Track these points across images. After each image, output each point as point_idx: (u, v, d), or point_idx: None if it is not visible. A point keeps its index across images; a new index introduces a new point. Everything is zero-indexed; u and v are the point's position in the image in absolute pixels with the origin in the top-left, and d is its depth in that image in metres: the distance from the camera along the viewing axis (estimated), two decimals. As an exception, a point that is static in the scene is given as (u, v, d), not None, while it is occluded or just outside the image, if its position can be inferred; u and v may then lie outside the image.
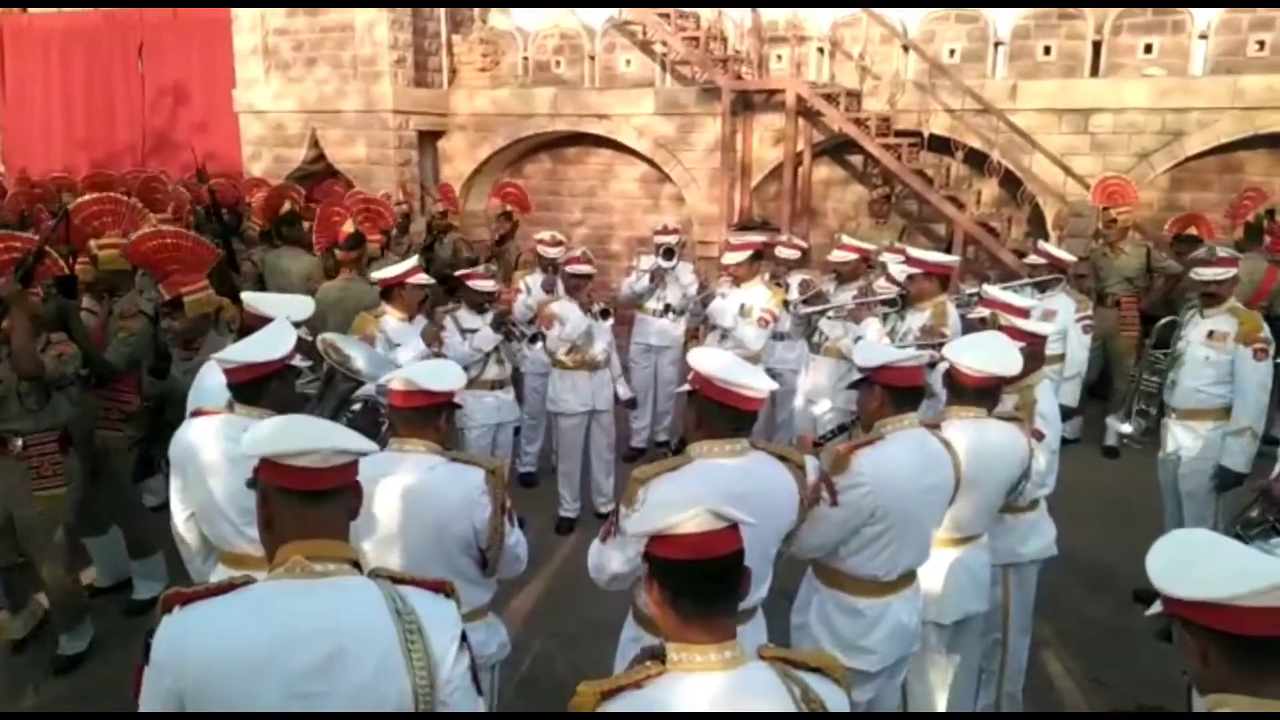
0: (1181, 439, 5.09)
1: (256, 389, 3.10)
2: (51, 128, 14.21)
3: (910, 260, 5.36)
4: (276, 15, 11.96)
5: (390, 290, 5.39)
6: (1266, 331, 4.88)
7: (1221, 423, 4.91)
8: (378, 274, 5.60)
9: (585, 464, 6.34)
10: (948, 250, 8.89)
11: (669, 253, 6.99)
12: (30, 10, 14.84)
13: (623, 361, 6.76)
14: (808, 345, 6.29)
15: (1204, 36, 9.41)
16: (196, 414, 3.38)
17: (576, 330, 5.98)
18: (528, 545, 3.03)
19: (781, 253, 6.96)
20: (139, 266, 5.31)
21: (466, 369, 3.94)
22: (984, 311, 4.41)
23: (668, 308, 7.18)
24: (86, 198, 6.91)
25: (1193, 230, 7.94)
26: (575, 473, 6.30)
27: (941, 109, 10.06)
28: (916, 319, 5.23)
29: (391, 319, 5.33)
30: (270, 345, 3.13)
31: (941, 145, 10.14)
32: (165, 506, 3.94)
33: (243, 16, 12.15)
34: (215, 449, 3.12)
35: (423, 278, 5.52)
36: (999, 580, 3.77)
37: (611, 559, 2.70)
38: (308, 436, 1.93)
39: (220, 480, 3.12)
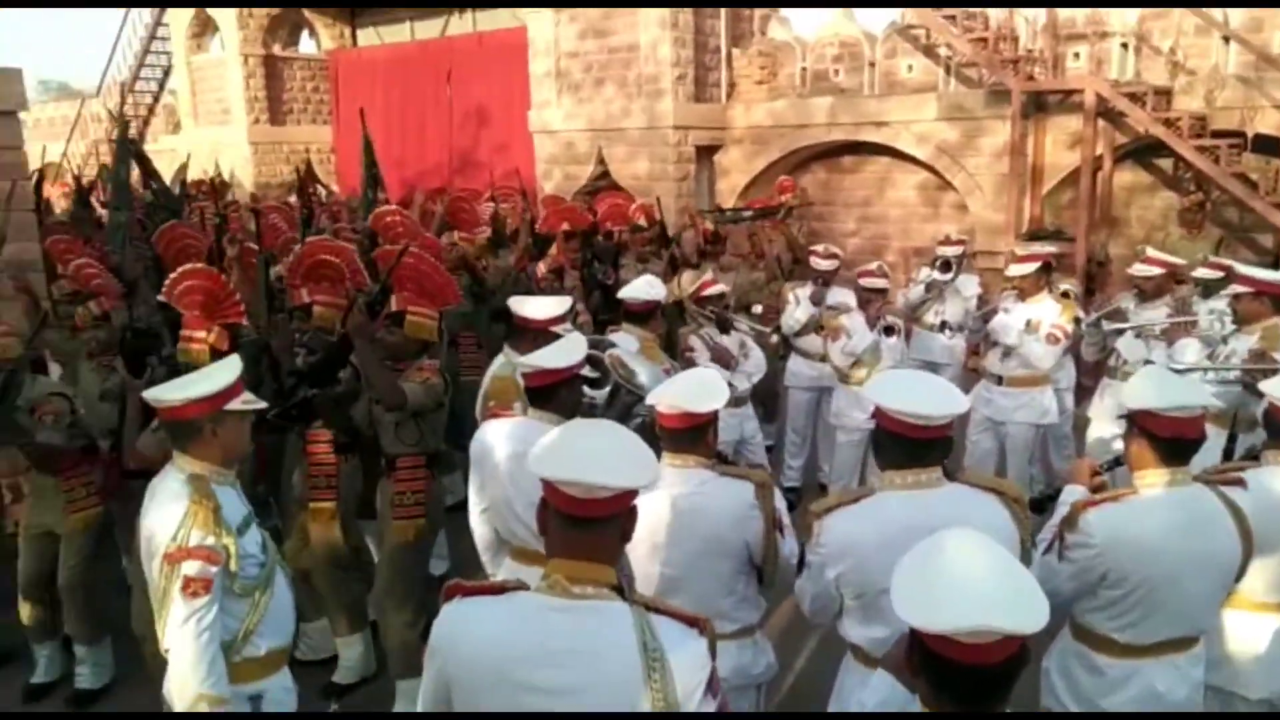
0: None
1: (548, 394, 3.31)
2: (376, 149, 15.85)
3: (1239, 278, 4.82)
4: (568, 39, 12.68)
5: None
6: None
7: None
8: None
9: (861, 481, 6.16)
10: (1275, 264, 7.92)
11: (946, 265, 6.71)
12: (359, 45, 16.71)
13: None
14: (1088, 367, 5.91)
15: None
16: (491, 415, 3.67)
17: (862, 344, 5.85)
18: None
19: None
20: (386, 274, 4.45)
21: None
22: None
23: (944, 324, 6.88)
24: (383, 208, 7.81)
25: None
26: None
27: (1270, 105, 8.97)
28: (1242, 343, 4.70)
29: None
30: (565, 354, 3.33)
31: (1269, 146, 9.04)
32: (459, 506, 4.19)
33: (538, 41, 12.98)
34: (505, 449, 3.36)
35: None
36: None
37: (805, 592, 2.80)
38: (575, 466, 1.89)
39: (511, 479, 3.34)
